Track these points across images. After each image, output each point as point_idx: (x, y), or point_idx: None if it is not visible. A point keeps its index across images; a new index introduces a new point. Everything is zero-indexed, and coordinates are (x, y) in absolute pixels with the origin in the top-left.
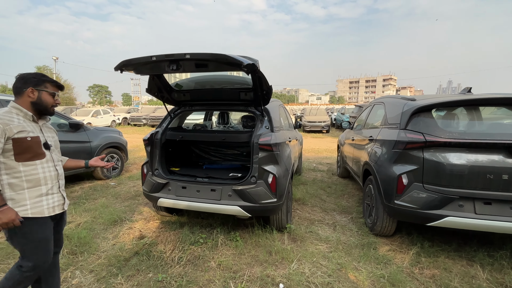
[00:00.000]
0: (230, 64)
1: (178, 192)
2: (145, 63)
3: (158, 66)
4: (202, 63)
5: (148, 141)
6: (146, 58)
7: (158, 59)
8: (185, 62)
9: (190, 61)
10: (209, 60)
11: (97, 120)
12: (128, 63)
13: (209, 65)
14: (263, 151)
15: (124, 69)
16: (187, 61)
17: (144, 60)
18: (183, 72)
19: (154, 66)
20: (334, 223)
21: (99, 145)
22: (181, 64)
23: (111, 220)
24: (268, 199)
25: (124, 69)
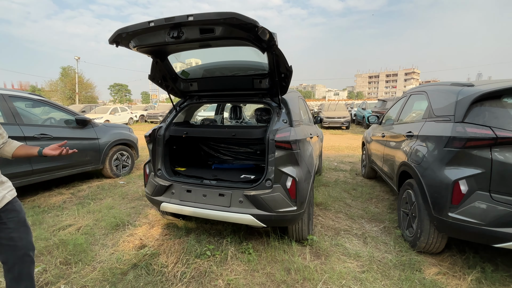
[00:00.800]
0: (242, 28)
1: (183, 196)
2: (142, 31)
3: (157, 35)
4: (208, 28)
5: (150, 137)
6: (143, 24)
7: (156, 24)
8: (188, 28)
9: (193, 26)
10: (216, 23)
11: (115, 117)
12: (124, 31)
13: (216, 31)
14: (281, 150)
15: (120, 43)
16: (190, 27)
17: (141, 27)
18: (185, 42)
19: (153, 35)
20: (363, 234)
21: (108, 142)
22: (182, 31)
23: (113, 224)
24: (287, 207)
25: (120, 42)
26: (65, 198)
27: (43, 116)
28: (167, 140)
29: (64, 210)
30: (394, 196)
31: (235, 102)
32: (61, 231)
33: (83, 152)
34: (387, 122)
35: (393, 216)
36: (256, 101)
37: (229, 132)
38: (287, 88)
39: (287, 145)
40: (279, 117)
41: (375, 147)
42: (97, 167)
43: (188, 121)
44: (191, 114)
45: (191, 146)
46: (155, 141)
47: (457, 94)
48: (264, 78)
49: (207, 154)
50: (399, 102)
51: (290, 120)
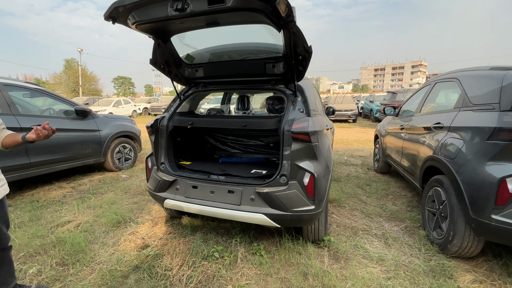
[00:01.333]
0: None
1: (188, 192)
2: (142, 3)
3: (158, 7)
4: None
5: (152, 128)
6: None
7: None
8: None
9: None
10: None
11: (118, 110)
12: (121, 4)
13: (227, 0)
14: (298, 142)
15: (117, 19)
16: None
17: None
18: (191, 16)
19: (153, 9)
20: (384, 235)
21: (109, 134)
22: (188, 2)
23: (114, 221)
24: (304, 206)
25: (116, 17)
26: (65, 192)
27: (41, 107)
28: (171, 131)
29: (64, 205)
30: (412, 192)
31: (244, 90)
32: (59, 227)
33: (83, 144)
34: (405, 113)
35: (414, 215)
36: (268, 88)
37: (239, 123)
38: (304, 73)
39: (305, 137)
40: (294, 106)
41: (392, 140)
42: (98, 160)
43: (193, 111)
44: (197, 104)
45: (197, 138)
46: (157, 133)
47: (501, 79)
48: (278, 62)
49: (214, 147)
50: (420, 91)
51: (307, 109)
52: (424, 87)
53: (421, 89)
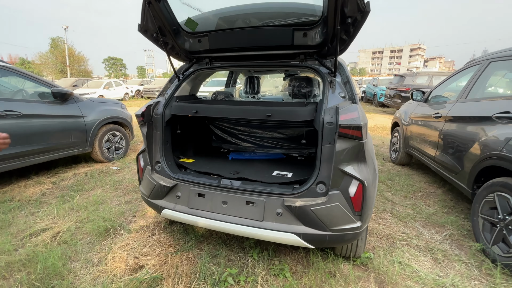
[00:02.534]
0: None
1: (193, 202)
2: None
3: None
4: None
5: (144, 117)
6: None
7: None
8: None
9: None
10: None
11: (109, 92)
12: None
13: None
14: (345, 139)
15: None
16: None
17: None
18: None
19: None
20: (427, 246)
21: (95, 121)
22: None
23: (101, 229)
24: (348, 224)
25: None
26: (45, 189)
27: (11, 89)
28: (168, 120)
29: (42, 205)
30: (441, 188)
31: (263, 68)
32: (33, 238)
33: (64, 132)
34: (437, 99)
35: (454, 219)
36: (295, 65)
37: (262, 112)
38: (350, 43)
39: (356, 132)
40: (333, 89)
41: (420, 130)
42: (84, 151)
43: (194, 95)
44: (199, 85)
45: (200, 129)
46: (151, 123)
47: None
48: (313, 29)
49: (220, 139)
50: (461, 73)
51: (352, 94)
52: (468, 67)
53: (462, 70)
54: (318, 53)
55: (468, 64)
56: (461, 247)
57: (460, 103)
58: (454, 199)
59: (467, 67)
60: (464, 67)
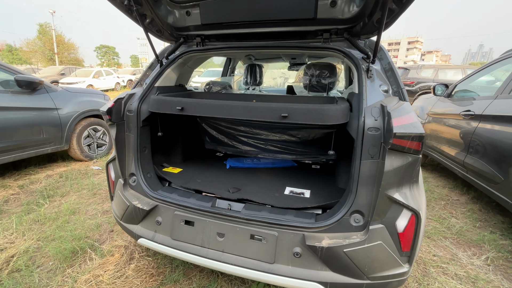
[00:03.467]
0: None
1: (177, 231)
2: None
3: None
4: None
5: (112, 116)
6: None
7: None
8: None
9: None
10: None
11: (99, 82)
12: None
13: None
14: (399, 154)
15: None
16: None
17: None
18: None
19: None
20: (468, 276)
21: (72, 114)
22: None
23: (68, 251)
24: (393, 269)
25: None
26: (9, 194)
27: None
28: (146, 119)
29: (2, 215)
30: (464, 196)
31: (273, 50)
32: None
33: (34, 127)
34: (463, 94)
35: (491, 237)
36: (318, 47)
37: (274, 112)
38: (399, 16)
39: (416, 145)
40: (372, 81)
41: (442, 129)
42: (59, 148)
43: (183, 86)
44: (188, 73)
45: (188, 128)
46: (122, 123)
47: None
48: None
49: (215, 141)
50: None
51: (398, 87)
52: (507, 58)
53: (498, 61)
54: (349, 31)
55: (509, 54)
56: (508, 276)
57: (502, 100)
58: (484, 209)
59: (508, 56)
60: (502, 58)
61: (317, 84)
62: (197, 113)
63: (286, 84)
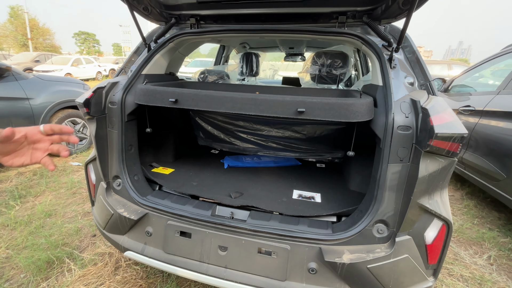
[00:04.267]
0: None
1: (171, 244)
2: None
3: None
4: None
5: (91, 108)
6: None
7: None
8: None
9: None
10: None
11: (79, 70)
12: None
13: None
14: (435, 157)
15: None
16: None
17: None
18: None
19: None
20: (473, 277)
21: (47, 105)
22: None
23: (43, 262)
24: (418, 284)
25: None
26: None
27: None
28: (132, 112)
29: None
30: (459, 191)
31: (279, 35)
32: None
33: (1, 120)
34: (460, 89)
35: (490, 234)
36: (331, 32)
37: (288, 106)
38: None
39: (455, 146)
40: (397, 73)
41: None
42: None
43: (174, 74)
44: (180, 60)
45: (180, 122)
46: (103, 117)
47: None
48: None
49: (210, 136)
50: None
51: (426, 79)
52: (509, 53)
53: (497, 56)
54: (369, 14)
55: (506, 50)
56: (509, 273)
57: (505, 96)
58: (479, 205)
59: (509, 51)
60: (503, 52)
61: (327, 75)
62: (194, 106)
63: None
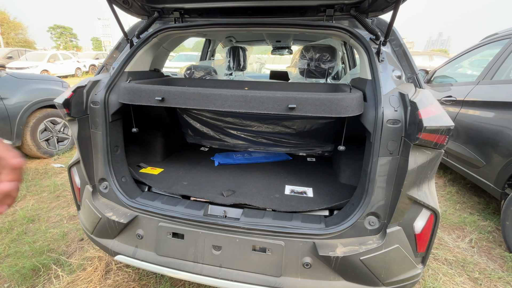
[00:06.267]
0: None
1: (163, 246)
2: None
3: None
4: None
5: (71, 109)
6: None
7: None
8: None
9: None
10: None
11: (56, 66)
12: None
13: None
14: (424, 149)
15: None
16: None
17: None
18: None
19: None
20: (457, 259)
21: (23, 104)
22: None
23: (27, 270)
24: (408, 271)
25: None
26: None
27: None
28: (116, 112)
29: None
30: (442, 178)
31: (266, 28)
32: None
33: None
34: (442, 80)
35: (471, 218)
36: (318, 25)
37: (279, 102)
38: None
39: (442, 139)
40: (385, 66)
41: None
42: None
43: (158, 70)
44: (164, 56)
45: (167, 120)
46: (85, 117)
47: None
48: None
49: (199, 134)
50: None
51: (413, 72)
52: (489, 43)
53: (478, 47)
54: (357, 7)
55: (489, 39)
56: (492, 257)
57: (484, 86)
58: (460, 191)
59: (487, 42)
60: (482, 43)
61: (316, 69)
62: (182, 104)
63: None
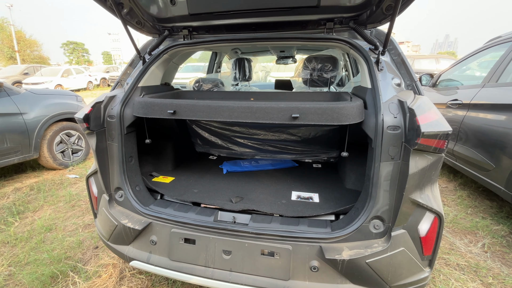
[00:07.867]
0: None
1: (176, 251)
2: None
3: None
4: None
5: (90, 123)
6: None
7: None
8: None
9: None
10: None
11: (69, 81)
12: None
13: None
14: (424, 154)
15: None
16: None
17: None
18: None
19: None
20: (469, 264)
21: (40, 118)
22: None
23: (46, 277)
24: (415, 274)
25: None
26: None
27: None
28: (131, 125)
29: None
30: (452, 182)
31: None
32: None
33: None
34: (448, 83)
35: (484, 223)
36: (320, 38)
37: (283, 112)
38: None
39: (441, 143)
40: (384, 75)
41: None
42: (28, 157)
43: (169, 84)
44: (174, 70)
45: (178, 130)
46: (103, 131)
47: None
48: None
49: (208, 143)
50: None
51: (412, 80)
52: (493, 46)
53: (482, 50)
54: (355, 19)
55: (494, 42)
56: (506, 262)
57: (490, 88)
58: (472, 195)
59: (492, 45)
60: (486, 46)
61: (318, 78)
62: (192, 116)
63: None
